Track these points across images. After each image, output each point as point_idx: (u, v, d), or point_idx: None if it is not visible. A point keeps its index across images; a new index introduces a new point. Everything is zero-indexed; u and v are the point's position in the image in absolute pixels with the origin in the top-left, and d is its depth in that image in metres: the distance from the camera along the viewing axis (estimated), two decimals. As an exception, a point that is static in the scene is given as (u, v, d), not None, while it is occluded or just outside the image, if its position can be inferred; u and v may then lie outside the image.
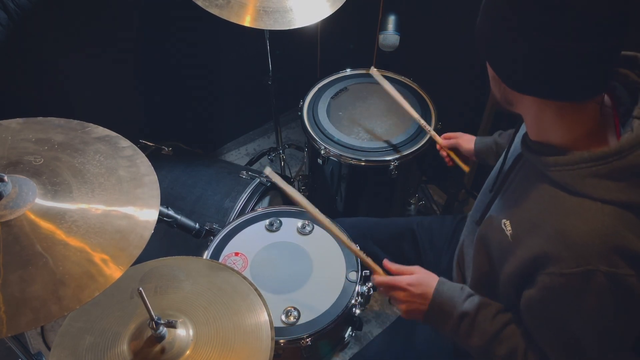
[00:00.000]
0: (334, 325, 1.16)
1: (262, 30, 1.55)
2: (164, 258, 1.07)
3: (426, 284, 1.01)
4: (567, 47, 0.69)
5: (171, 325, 0.88)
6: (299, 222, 1.36)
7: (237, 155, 2.52)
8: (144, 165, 0.92)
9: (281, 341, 1.12)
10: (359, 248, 1.12)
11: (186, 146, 1.87)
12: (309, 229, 1.35)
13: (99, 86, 1.78)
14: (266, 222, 1.37)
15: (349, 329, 1.29)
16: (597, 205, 0.75)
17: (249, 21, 1.40)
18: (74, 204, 0.82)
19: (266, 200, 1.73)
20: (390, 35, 1.75)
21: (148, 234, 0.81)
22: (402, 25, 1.77)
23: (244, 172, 1.65)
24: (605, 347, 0.82)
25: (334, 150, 1.55)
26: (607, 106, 0.82)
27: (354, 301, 1.19)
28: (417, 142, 1.58)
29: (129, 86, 1.92)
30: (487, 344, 0.94)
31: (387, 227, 1.42)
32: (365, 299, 1.23)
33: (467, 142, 1.42)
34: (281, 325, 1.14)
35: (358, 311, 1.21)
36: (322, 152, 1.56)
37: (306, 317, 1.16)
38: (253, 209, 1.50)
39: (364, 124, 1.66)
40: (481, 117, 1.88)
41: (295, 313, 1.17)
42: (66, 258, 0.75)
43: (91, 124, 0.97)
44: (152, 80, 1.97)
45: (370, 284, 1.23)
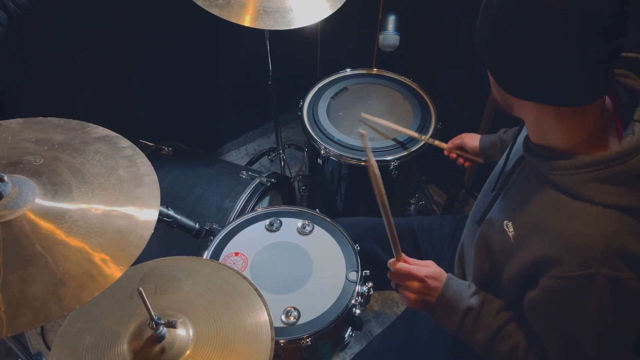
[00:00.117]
0: (334, 325, 1.16)
1: (262, 30, 1.55)
2: (164, 258, 1.07)
3: (440, 278, 1.01)
4: (563, 54, 0.70)
5: (171, 325, 0.88)
6: (299, 222, 1.36)
7: (237, 155, 2.51)
8: (144, 165, 0.92)
9: (281, 341, 1.12)
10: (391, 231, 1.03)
11: (186, 146, 1.87)
12: (309, 229, 1.35)
13: (99, 86, 1.78)
14: (266, 222, 1.37)
15: (349, 329, 1.29)
16: (598, 209, 0.75)
17: (249, 21, 1.40)
18: (74, 204, 0.82)
19: (266, 200, 1.73)
20: (390, 35, 1.75)
21: (148, 234, 0.81)
22: (402, 25, 1.77)
23: (244, 172, 1.65)
24: (606, 349, 0.82)
25: (334, 150, 1.55)
26: (608, 109, 0.82)
27: (354, 301, 1.19)
28: (417, 142, 1.57)
29: (129, 86, 1.92)
30: (490, 339, 0.94)
31: None
32: (365, 299, 1.23)
33: (472, 139, 1.43)
34: (281, 325, 1.14)
35: (358, 311, 1.21)
36: (322, 152, 1.56)
37: (306, 317, 1.16)
38: (253, 209, 1.50)
39: (364, 124, 1.66)
40: (481, 117, 1.87)
41: (295, 313, 1.17)
42: (66, 258, 0.75)
43: (91, 124, 0.97)
44: (152, 80, 1.96)
45: (370, 284, 1.23)
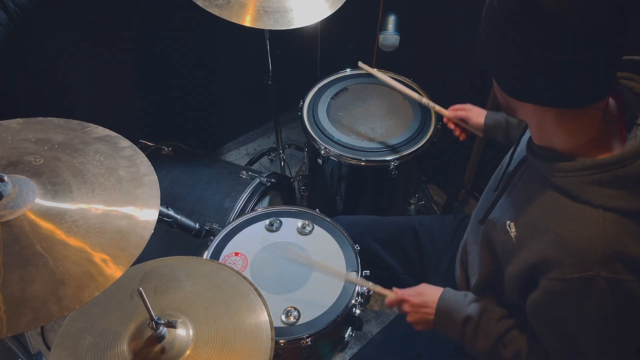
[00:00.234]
0: (334, 325, 1.16)
1: (262, 30, 1.55)
2: (164, 258, 1.07)
3: (427, 293, 1.07)
4: (561, 56, 0.70)
5: (171, 325, 0.88)
6: (299, 222, 1.36)
7: (237, 155, 2.51)
8: (144, 165, 0.92)
9: (281, 341, 1.12)
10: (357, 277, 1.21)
11: (186, 146, 1.87)
12: (309, 229, 1.35)
13: (99, 86, 1.78)
14: (266, 222, 1.37)
15: (349, 329, 1.29)
16: (598, 212, 0.75)
17: (249, 21, 1.40)
18: (74, 204, 0.82)
19: (266, 200, 1.73)
20: (390, 35, 1.75)
21: (148, 234, 0.81)
22: (402, 25, 1.77)
23: (244, 172, 1.65)
24: (608, 353, 0.82)
25: (334, 150, 1.55)
26: (612, 112, 0.82)
27: (354, 301, 1.19)
28: (417, 142, 1.57)
29: (129, 86, 1.92)
30: (492, 347, 0.95)
31: (388, 225, 1.42)
32: (365, 299, 1.23)
33: (477, 115, 1.36)
34: (281, 325, 1.14)
35: (358, 311, 1.21)
36: (322, 152, 1.56)
37: (306, 317, 1.16)
38: (253, 209, 1.50)
39: (364, 123, 1.66)
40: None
41: (295, 313, 1.17)
42: (66, 258, 0.75)
43: (91, 124, 0.97)
44: (152, 80, 1.96)
45: (370, 284, 1.23)
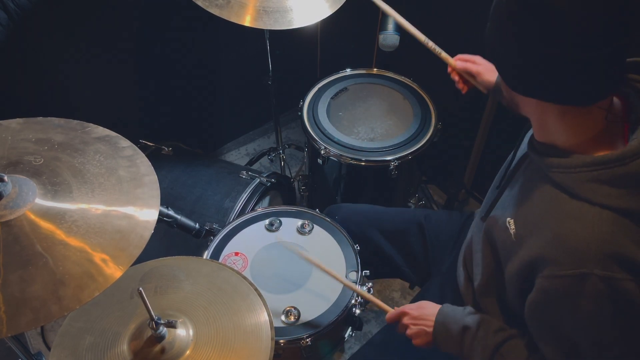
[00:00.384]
0: (334, 325, 1.16)
1: (262, 30, 1.55)
2: (164, 258, 1.07)
3: (426, 306, 1.07)
4: (563, 53, 0.70)
5: (171, 325, 0.88)
6: (299, 222, 1.36)
7: (237, 155, 2.51)
8: (144, 165, 0.92)
9: (281, 341, 1.12)
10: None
11: (186, 146, 1.87)
12: (308, 228, 1.35)
13: (99, 86, 1.78)
14: (266, 222, 1.37)
15: (349, 329, 1.29)
16: (595, 210, 0.75)
17: (249, 21, 1.40)
18: (74, 204, 0.82)
19: (266, 200, 1.73)
20: (390, 35, 1.75)
21: (148, 234, 0.81)
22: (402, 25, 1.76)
23: (244, 172, 1.65)
24: (605, 354, 0.80)
25: (334, 150, 1.55)
26: (617, 112, 0.81)
27: (354, 301, 1.19)
28: (417, 142, 1.57)
29: (129, 86, 1.92)
30: (489, 358, 0.95)
31: (394, 217, 1.39)
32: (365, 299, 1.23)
33: (488, 72, 1.21)
34: (281, 325, 1.15)
35: (358, 311, 1.21)
36: (322, 152, 1.56)
37: (306, 317, 1.16)
38: (253, 209, 1.50)
39: (364, 123, 1.66)
40: (481, 118, 1.87)
41: (295, 313, 1.17)
42: (66, 258, 0.75)
43: (91, 124, 0.97)
44: (152, 80, 1.96)
45: (370, 284, 1.23)
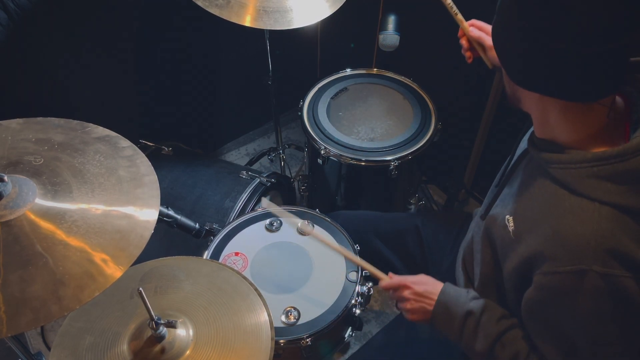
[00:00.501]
0: (334, 325, 1.16)
1: (262, 30, 1.55)
2: (164, 258, 1.07)
3: (431, 283, 1.04)
4: (568, 48, 0.70)
5: (171, 325, 0.88)
6: (299, 222, 1.36)
7: (237, 155, 2.51)
8: (144, 165, 0.92)
9: (281, 341, 1.12)
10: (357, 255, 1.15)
11: (186, 146, 1.87)
12: (309, 229, 1.35)
13: (99, 86, 1.78)
14: (266, 222, 1.37)
15: (349, 329, 1.29)
16: (594, 206, 0.75)
17: (249, 21, 1.40)
18: (74, 204, 0.82)
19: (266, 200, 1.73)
20: (390, 35, 1.75)
21: (148, 234, 0.81)
22: (402, 25, 1.76)
23: (244, 172, 1.65)
24: (603, 351, 0.80)
25: (334, 150, 1.55)
26: (619, 111, 0.81)
27: (354, 301, 1.19)
28: (417, 142, 1.57)
29: (129, 86, 1.92)
30: (490, 347, 0.94)
31: (390, 221, 1.41)
32: (366, 299, 1.23)
33: None
34: (281, 325, 1.14)
35: (358, 311, 1.21)
36: (322, 152, 1.56)
37: (306, 317, 1.16)
38: (253, 209, 1.50)
39: (364, 123, 1.66)
40: (481, 118, 1.88)
41: (295, 313, 1.16)
42: (66, 258, 0.75)
43: (91, 124, 0.97)
44: (152, 80, 1.96)
45: (370, 284, 1.23)
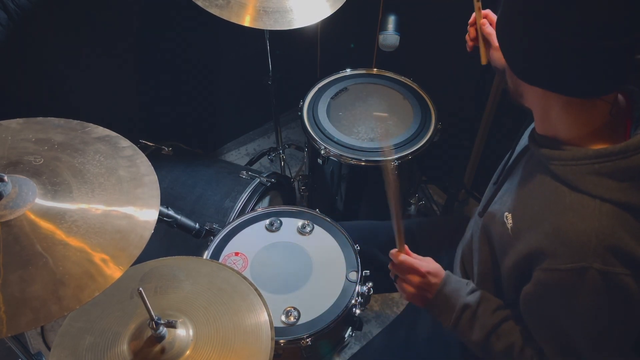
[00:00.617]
0: (334, 325, 1.16)
1: (262, 30, 1.55)
2: (164, 258, 1.07)
3: (440, 275, 1.03)
4: (571, 42, 0.69)
5: (171, 325, 0.88)
6: (299, 222, 1.36)
7: (237, 155, 2.51)
8: (144, 165, 0.92)
9: (281, 341, 1.12)
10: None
11: (186, 146, 1.87)
12: (309, 229, 1.35)
13: (99, 86, 1.78)
14: (266, 222, 1.37)
15: (349, 329, 1.29)
16: (595, 202, 0.75)
17: (249, 21, 1.40)
18: (74, 204, 0.82)
19: (266, 200, 1.73)
20: (390, 35, 1.75)
21: (148, 234, 0.81)
22: (402, 25, 1.77)
23: (244, 172, 1.65)
24: (601, 348, 0.81)
25: (334, 150, 1.55)
26: (620, 108, 0.81)
27: (354, 301, 1.19)
28: (417, 142, 1.57)
29: (129, 86, 1.92)
30: (485, 338, 0.94)
31: (386, 229, 1.41)
32: (365, 299, 1.23)
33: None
34: (281, 325, 1.14)
35: (358, 311, 1.21)
36: (322, 152, 1.56)
37: (306, 317, 1.16)
38: (253, 209, 1.50)
39: (364, 123, 1.66)
40: (481, 118, 1.88)
41: (295, 313, 1.16)
42: (66, 258, 0.75)
43: (91, 124, 0.97)
44: (152, 80, 1.96)
45: (370, 284, 1.23)
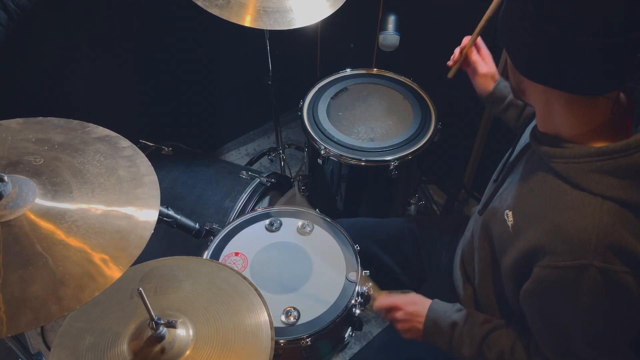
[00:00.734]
0: (334, 325, 1.16)
1: (262, 30, 1.55)
2: (164, 258, 1.07)
3: (421, 303, 1.08)
4: (574, 39, 0.69)
5: (171, 325, 0.88)
6: (299, 222, 1.36)
7: (237, 155, 2.51)
8: (144, 165, 0.92)
9: (281, 341, 1.12)
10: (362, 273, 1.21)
11: (186, 146, 1.87)
12: (309, 229, 1.35)
13: (99, 86, 1.78)
14: (266, 222, 1.37)
15: (349, 329, 1.29)
16: (597, 200, 0.75)
17: (249, 21, 1.40)
18: (74, 204, 0.82)
19: (266, 200, 1.73)
20: (390, 35, 1.75)
21: (148, 234, 0.81)
22: (402, 25, 1.77)
23: (244, 172, 1.65)
24: (599, 346, 0.81)
25: (334, 150, 1.55)
26: (622, 106, 0.81)
27: (354, 301, 1.19)
28: (417, 142, 1.57)
29: (129, 86, 1.92)
30: (478, 350, 0.96)
31: (387, 227, 1.42)
32: (365, 299, 1.23)
33: (488, 79, 1.24)
34: (281, 326, 1.14)
35: (358, 311, 1.21)
36: (322, 152, 1.56)
37: (306, 317, 1.16)
38: (253, 209, 1.50)
39: (364, 123, 1.66)
40: (481, 118, 1.88)
41: (295, 313, 1.16)
42: (66, 258, 0.75)
43: (91, 124, 0.97)
44: (152, 81, 1.96)
45: (370, 283, 1.23)
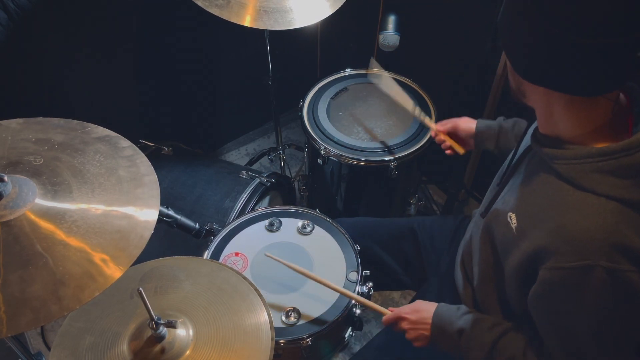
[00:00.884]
0: (334, 325, 1.16)
1: (262, 30, 1.55)
2: (164, 258, 1.07)
3: (424, 309, 1.07)
4: (572, 40, 0.69)
5: (171, 325, 0.88)
6: (299, 222, 1.36)
7: (237, 155, 2.52)
8: (144, 165, 0.92)
9: (281, 341, 1.12)
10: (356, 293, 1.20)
11: (186, 146, 1.87)
12: (309, 229, 1.35)
13: (99, 86, 1.78)
14: (266, 222, 1.37)
15: (349, 329, 1.29)
16: (600, 200, 0.75)
17: (249, 21, 1.40)
18: (74, 204, 0.82)
19: (266, 200, 1.73)
20: (390, 35, 1.75)
21: (148, 234, 0.81)
22: (402, 25, 1.77)
23: (244, 172, 1.65)
24: (608, 349, 0.81)
25: (334, 150, 1.55)
26: (622, 106, 0.81)
27: (354, 301, 1.19)
28: (417, 142, 1.57)
29: (129, 86, 1.92)
30: (488, 355, 0.95)
31: (387, 226, 1.42)
32: (366, 298, 1.23)
33: (466, 122, 1.36)
34: (281, 326, 1.14)
35: (358, 311, 1.21)
36: (322, 152, 1.56)
37: (306, 317, 1.16)
38: (253, 209, 1.50)
39: (364, 124, 1.66)
40: (481, 117, 1.87)
41: (295, 313, 1.16)
42: (66, 258, 0.75)
43: (91, 124, 0.97)
44: (152, 80, 1.96)
45: (370, 284, 1.23)
